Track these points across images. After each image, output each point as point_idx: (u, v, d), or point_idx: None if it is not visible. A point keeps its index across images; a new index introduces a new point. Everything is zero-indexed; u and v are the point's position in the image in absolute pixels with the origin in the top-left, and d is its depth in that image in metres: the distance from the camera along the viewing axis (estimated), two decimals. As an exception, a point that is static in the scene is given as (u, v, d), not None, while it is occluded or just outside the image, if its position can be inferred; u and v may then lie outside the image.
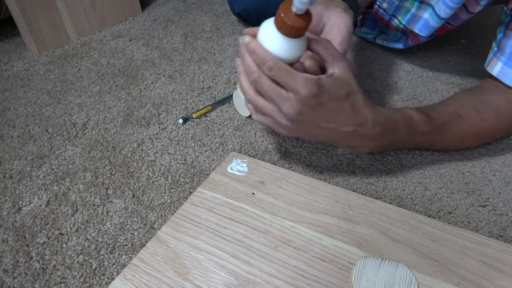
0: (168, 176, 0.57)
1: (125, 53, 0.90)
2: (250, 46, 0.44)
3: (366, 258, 0.33)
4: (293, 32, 0.42)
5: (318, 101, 0.43)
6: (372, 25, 0.89)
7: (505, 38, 0.57)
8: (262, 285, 0.40)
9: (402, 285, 0.31)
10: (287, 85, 0.43)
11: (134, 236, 0.48)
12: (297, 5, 0.39)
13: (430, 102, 0.72)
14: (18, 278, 0.44)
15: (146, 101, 0.74)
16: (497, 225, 0.49)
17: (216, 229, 0.46)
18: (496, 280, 0.40)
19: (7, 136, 0.66)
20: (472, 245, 0.44)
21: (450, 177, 0.56)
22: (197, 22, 1.05)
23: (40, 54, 0.90)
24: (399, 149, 0.60)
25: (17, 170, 0.58)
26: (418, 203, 0.52)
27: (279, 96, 0.43)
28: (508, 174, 0.57)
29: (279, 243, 0.44)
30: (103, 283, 0.43)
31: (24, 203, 0.53)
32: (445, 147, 0.58)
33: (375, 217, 0.47)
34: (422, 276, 0.41)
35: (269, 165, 0.55)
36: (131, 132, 0.66)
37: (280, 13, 0.41)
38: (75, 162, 0.60)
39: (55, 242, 0.48)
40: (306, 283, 0.40)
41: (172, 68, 0.84)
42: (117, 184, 0.56)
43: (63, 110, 0.72)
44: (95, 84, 0.79)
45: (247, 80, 0.46)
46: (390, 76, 0.80)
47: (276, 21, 0.42)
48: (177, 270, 0.42)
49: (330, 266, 0.42)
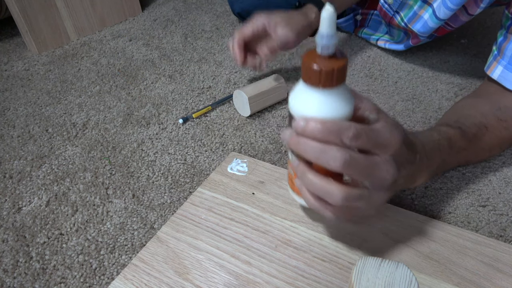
0: (168, 176, 0.57)
1: (125, 53, 0.90)
2: (310, 127, 0.33)
3: (366, 258, 0.33)
4: (335, 77, 0.32)
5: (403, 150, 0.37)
6: (375, 26, 0.89)
7: (505, 42, 0.56)
8: (262, 285, 0.40)
9: (402, 285, 0.31)
10: (376, 147, 0.35)
11: (134, 236, 0.48)
12: (323, 43, 0.32)
13: (430, 102, 0.72)
14: (18, 278, 0.44)
15: (146, 101, 0.74)
16: (497, 225, 0.49)
17: (216, 229, 0.46)
18: (496, 280, 0.40)
19: (7, 136, 0.66)
20: (472, 245, 0.44)
21: (450, 177, 0.56)
22: (197, 22, 1.05)
23: (40, 54, 0.90)
24: (445, 171, 0.55)
25: (17, 170, 0.58)
26: (418, 203, 0.52)
27: (376, 165, 0.35)
28: (508, 174, 0.57)
29: (279, 243, 0.44)
30: (103, 283, 0.43)
31: (24, 203, 0.53)
32: (476, 160, 0.57)
33: (375, 217, 0.47)
34: (422, 276, 0.41)
35: (269, 165, 0.55)
36: (131, 132, 0.66)
37: (310, 64, 0.32)
38: (75, 162, 0.60)
39: (55, 242, 0.48)
40: (306, 283, 0.40)
41: (172, 68, 0.84)
42: (117, 184, 0.56)
43: (63, 110, 0.72)
44: (95, 84, 0.79)
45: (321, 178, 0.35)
46: (390, 76, 0.80)
47: (308, 76, 0.33)
48: (177, 270, 0.42)
49: (330, 266, 0.42)
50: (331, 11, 0.30)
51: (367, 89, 0.76)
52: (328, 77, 0.32)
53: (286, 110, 0.70)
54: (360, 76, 0.80)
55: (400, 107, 0.71)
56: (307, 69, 0.33)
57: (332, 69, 0.32)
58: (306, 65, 0.33)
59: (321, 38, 0.32)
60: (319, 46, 0.32)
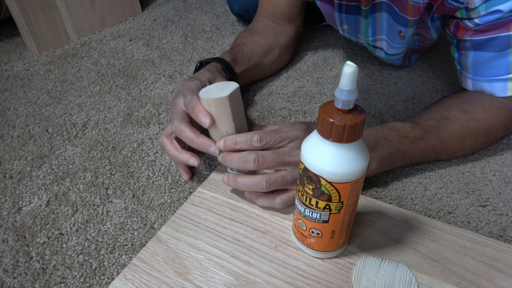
0: (168, 176, 0.57)
1: (125, 53, 0.90)
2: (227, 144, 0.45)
3: (366, 258, 0.33)
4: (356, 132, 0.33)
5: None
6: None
7: (462, 57, 0.59)
8: (262, 285, 0.40)
9: (402, 285, 0.31)
10: (281, 141, 0.45)
11: (134, 236, 0.48)
12: (343, 97, 0.32)
13: (430, 102, 0.72)
14: (18, 278, 0.44)
15: (146, 101, 0.74)
16: (497, 225, 0.49)
17: (216, 229, 0.46)
18: (496, 280, 0.40)
19: (7, 136, 0.66)
20: (472, 245, 0.44)
21: (450, 177, 0.56)
22: (197, 22, 1.05)
23: (40, 54, 0.90)
24: (407, 163, 0.56)
25: (17, 170, 0.58)
26: (418, 203, 0.52)
27: (284, 154, 0.45)
28: (508, 174, 0.57)
29: (279, 243, 0.44)
30: (103, 283, 0.43)
31: (24, 203, 0.53)
32: (449, 153, 0.57)
33: (375, 217, 0.47)
34: (422, 276, 0.41)
35: (269, 165, 0.55)
36: (131, 132, 0.66)
37: (329, 118, 0.33)
38: (75, 162, 0.60)
39: (55, 242, 0.48)
40: (306, 283, 0.40)
41: (172, 68, 0.84)
42: (117, 184, 0.56)
43: (63, 110, 0.72)
44: (95, 84, 0.79)
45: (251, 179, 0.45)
46: (390, 76, 0.80)
47: (326, 131, 0.34)
48: (177, 270, 0.42)
49: (330, 266, 0.42)
50: (354, 67, 0.30)
51: (367, 89, 0.76)
52: (351, 133, 0.33)
53: (286, 110, 0.70)
54: (360, 76, 0.80)
55: (400, 107, 0.71)
56: (328, 123, 0.33)
57: (356, 123, 0.32)
58: (325, 120, 0.33)
59: (340, 93, 0.32)
60: (339, 100, 0.32)
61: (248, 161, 0.44)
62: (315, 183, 0.36)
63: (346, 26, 0.74)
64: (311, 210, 0.38)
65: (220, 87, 0.49)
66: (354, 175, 0.35)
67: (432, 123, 0.55)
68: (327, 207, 0.37)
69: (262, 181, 0.44)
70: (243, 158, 0.44)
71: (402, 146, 0.52)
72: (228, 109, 0.46)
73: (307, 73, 0.81)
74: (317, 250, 0.42)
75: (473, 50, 0.56)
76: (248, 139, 0.44)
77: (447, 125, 0.55)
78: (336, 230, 0.39)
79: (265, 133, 0.45)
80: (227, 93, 0.45)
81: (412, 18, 0.62)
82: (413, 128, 0.53)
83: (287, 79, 0.79)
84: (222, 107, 0.46)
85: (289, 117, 0.69)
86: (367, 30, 0.71)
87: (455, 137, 0.55)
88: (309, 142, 0.36)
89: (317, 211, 0.38)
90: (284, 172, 0.45)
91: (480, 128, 0.57)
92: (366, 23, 0.70)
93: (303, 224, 0.40)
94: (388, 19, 0.66)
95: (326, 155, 0.35)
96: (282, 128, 0.45)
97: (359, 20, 0.70)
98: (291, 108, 0.71)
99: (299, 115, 0.69)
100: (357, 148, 0.35)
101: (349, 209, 0.38)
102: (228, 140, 0.45)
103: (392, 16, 0.65)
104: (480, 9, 0.51)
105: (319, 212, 0.38)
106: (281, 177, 0.45)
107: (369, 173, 0.50)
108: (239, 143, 0.45)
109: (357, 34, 0.74)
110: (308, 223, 0.40)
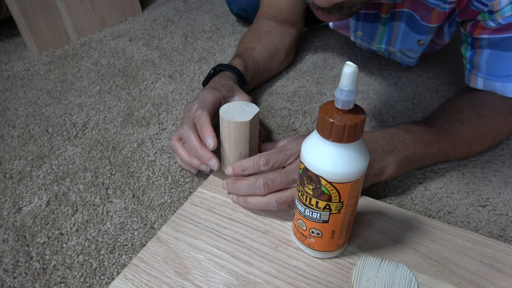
0: (168, 176, 0.57)
1: (125, 53, 0.90)
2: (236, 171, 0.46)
3: (366, 258, 0.33)
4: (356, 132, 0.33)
5: None
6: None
7: (475, 56, 0.59)
8: (262, 285, 0.40)
9: (402, 285, 0.31)
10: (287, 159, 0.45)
11: (134, 236, 0.48)
12: (343, 97, 0.32)
13: (430, 102, 0.72)
14: (18, 278, 0.44)
15: (146, 101, 0.74)
16: (497, 225, 0.49)
17: (216, 229, 0.46)
18: (496, 280, 0.40)
19: (7, 136, 0.66)
20: (472, 245, 0.44)
21: (450, 177, 0.56)
22: (197, 22, 1.05)
23: (40, 54, 0.90)
24: (420, 166, 0.56)
25: (17, 170, 0.58)
26: (418, 203, 0.52)
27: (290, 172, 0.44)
28: (508, 174, 0.57)
29: (279, 243, 0.44)
30: (103, 283, 0.43)
31: (24, 203, 0.53)
32: (457, 156, 0.57)
33: (375, 217, 0.47)
34: (422, 276, 0.41)
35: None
36: (131, 132, 0.66)
37: (329, 119, 0.33)
38: (75, 162, 0.60)
39: (55, 242, 0.48)
40: (306, 283, 0.40)
41: (172, 68, 0.84)
42: (117, 184, 0.56)
43: (63, 110, 0.72)
44: (95, 84, 0.79)
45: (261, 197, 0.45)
46: (390, 76, 0.80)
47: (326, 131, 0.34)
48: (177, 270, 0.42)
49: (330, 266, 0.42)
50: (354, 67, 0.31)
51: (367, 89, 0.76)
52: (352, 132, 0.33)
53: (286, 110, 0.70)
54: (360, 76, 0.80)
55: (400, 107, 0.71)
56: (328, 124, 0.33)
57: (356, 123, 0.32)
58: (326, 120, 0.33)
59: (340, 93, 0.32)
60: (339, 100, 0.32)
61: (258, 187, 0.44)
62: (315, 183, 0.36)
63: (360, 33, 0.74)
64: (311, 210, 0.38)
65: (241, 108, 0.49)
66: (354, 175, 0.35)
67: (446, 127, 0.54)
68: (327, 207, 0.37)
69: (273, 201, 0.44)
70: (252, 185, 0.44)
71: (417, 149, 0.51)
72: (247, 133, 0.47)
73: (307, 73, 0.81)
74: (317, 250, 0.42)
75: (489, 48, 0.56)
76: (255, 163, 0.45)
77: (459, 128, 0.55)
78: (336, 230, 0.39)
79: (271, 154, 0.45)
80: (248, 118, 0.46)
81: (434, 25, 0.61)
82: (427, 131, 0.53)
83: (287, 79, 0.79)
84: (241, 130, 0.47)
85: (289, 117, 0.69)
86: (382, 38, 0.71)
87: (466, 141, 0.55)
88: (309, 142, 0.36)
89: (317, 211, 0.38)
90: (293, 190, 0.45)
91: (489, 133, 0.57)
92: (383, 30, 0.69)
93: (303, 224, 0.40)
94: (405, 30, 0.66)
95: (326, 155, 0.35)
96: (287, 146, 0.45)
97: (377, 27, 0.70)
98: (291, 108, 0.71)
99: (299, 115, 0.69)
100: (357, 148, 0.35)
101: (349, 209, 0.38)
102: (236, 167, 0.46)
103: (410, 26, 0.64)
104: (506, 10, 0.51)
105: (319, 212, 0.38)
106: (291, 195, 0.44)
107: (386, 177, 0.50)
108: (247, 169, 0.45)
109: (370, 41, 0.74)
110: (308, 223, 0.40)
